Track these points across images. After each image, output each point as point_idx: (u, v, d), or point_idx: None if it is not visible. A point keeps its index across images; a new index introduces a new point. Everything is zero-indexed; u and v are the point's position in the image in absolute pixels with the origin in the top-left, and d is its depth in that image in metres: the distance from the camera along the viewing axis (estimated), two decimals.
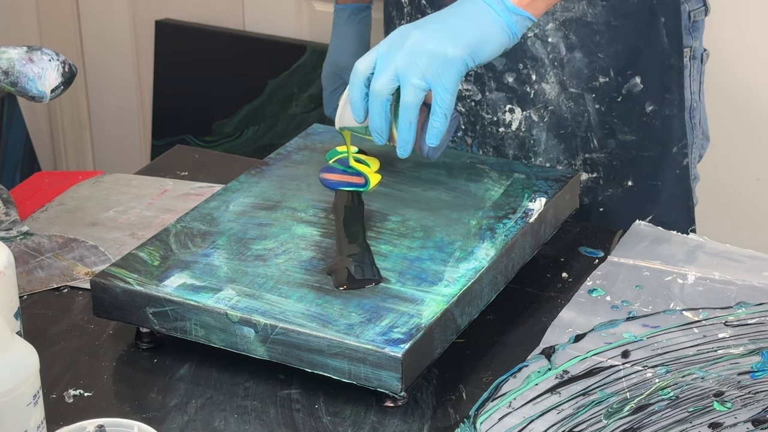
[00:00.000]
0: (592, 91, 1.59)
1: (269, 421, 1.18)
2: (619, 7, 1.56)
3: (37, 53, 1.35)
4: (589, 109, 1.59)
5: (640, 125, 1.61)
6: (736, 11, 2.16)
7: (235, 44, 2.60)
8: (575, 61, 1.58)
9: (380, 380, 1.16)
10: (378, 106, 1.30)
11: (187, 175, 1.63)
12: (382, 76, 1.29)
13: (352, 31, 1.88)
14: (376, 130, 1.32)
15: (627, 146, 1.62)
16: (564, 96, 1.59)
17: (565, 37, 1.57)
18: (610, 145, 1.62)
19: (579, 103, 1.60)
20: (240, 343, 1.21)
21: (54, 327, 1.32)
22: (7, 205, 1.48)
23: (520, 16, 1.29)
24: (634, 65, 1.59)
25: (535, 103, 1.60)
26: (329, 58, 1.91)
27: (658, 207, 1.61)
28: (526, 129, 1.62)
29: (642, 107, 1.60)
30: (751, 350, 1.26)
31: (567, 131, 1.61)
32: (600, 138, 1.61)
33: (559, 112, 1.61)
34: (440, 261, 1.28)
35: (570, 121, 1.61)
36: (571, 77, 1.59)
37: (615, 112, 1.60)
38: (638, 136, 1.62)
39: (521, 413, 1.18)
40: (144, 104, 2.80)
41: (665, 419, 1.17)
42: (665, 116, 1.62)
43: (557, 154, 1.62)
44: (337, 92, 1.94)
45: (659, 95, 1.61)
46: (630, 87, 1.59)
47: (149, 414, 1.19)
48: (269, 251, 1.30)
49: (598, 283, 1.38)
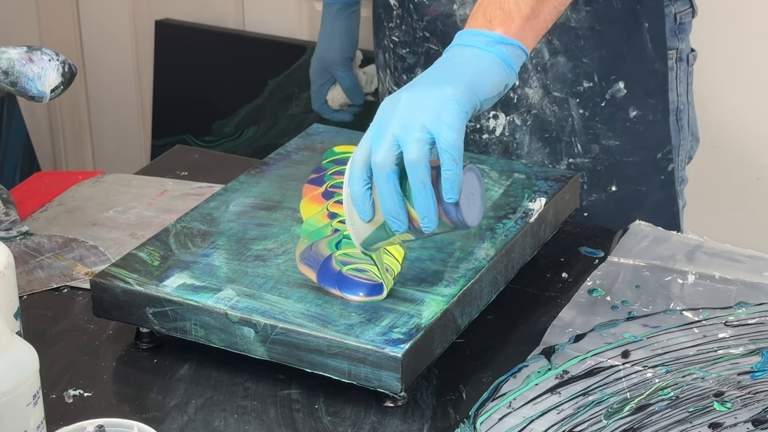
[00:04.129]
0: (575, 96, 1.59)
1: (269, 421, 1.18)
2: (603, 12, 1.56)
3: (37, 53, 1.35)
4: (572, 114, 1.59)
5: (624, 130, 1.61)
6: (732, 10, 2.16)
7: (235, 44, 2.60)
8: (559, 65, 1.58)
9: (380, 380, 1.16)
10: (385, 182, 1.14)
11: (187, 175, 1.63)
12: (379, 147, 1.14)
13: (340, 26, 1.88)
14: (391, 214, 1.14)
15: (611, 151, 1.62)
16: (548, 100, 1.59)
17: (549, 42, 1.57)
18: (593, 150, 1.61)
19: (563, 108, 1.59)
20: (240, 343, 1.21)
21: (54, 327, 1.32)
22: (7, 205, 1.48)
23: (510, 46, 1.20)
24: (617, 70, 1.59)
25: (519, 108, 1.60)
26: (318, 53, 1.91)
27: (643, 212, 1.60)
28: (509, 133, 1.62)
29: (626, 112, 1.60)
30: (751, 350, 1.26)
31: (551, 135, 1.61)
32: (584, 143, 1.61)
33: (542, 116, 1.60)
34: (440, 261, 1.28)
35: (554, 126, 1.60)
36: (555, 81, 1.59)
37: (599, 117, 1.60)
38: (622, 141, 1.61)
39: (521, 413, 1.18)
40: (144, 104, 2.80)
41: (665, 419, 1.17)
42: (649, 121, 1.62)
43: (541, 158, 1.62)
44: (325, 87, 1.94)
45: (643, 100, 1.60)
46: (614, 92, 1.59)
47: (149, 414, 1.19)
48: (269, 251, 1.30)
49: (598, 283, 1.38)
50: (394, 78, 1.70)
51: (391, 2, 1.66)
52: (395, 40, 1.67)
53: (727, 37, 2.16)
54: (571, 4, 1.55)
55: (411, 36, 1.65)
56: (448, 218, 1.15)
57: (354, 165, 1.16)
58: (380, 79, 1.78)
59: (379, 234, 1.18)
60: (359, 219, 1.17)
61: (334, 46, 1.88)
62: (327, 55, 1.89)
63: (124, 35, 2.77)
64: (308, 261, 1.27)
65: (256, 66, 2.56)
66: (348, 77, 1.90)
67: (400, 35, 1.66)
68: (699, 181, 1.90)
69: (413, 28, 1.64)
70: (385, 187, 1.14)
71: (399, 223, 1.15)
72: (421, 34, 1.63)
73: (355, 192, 1.16)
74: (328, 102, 1.96)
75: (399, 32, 1.66)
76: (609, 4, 1.55)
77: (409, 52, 1.66)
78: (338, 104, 1.96)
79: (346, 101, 1.95)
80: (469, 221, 1.15)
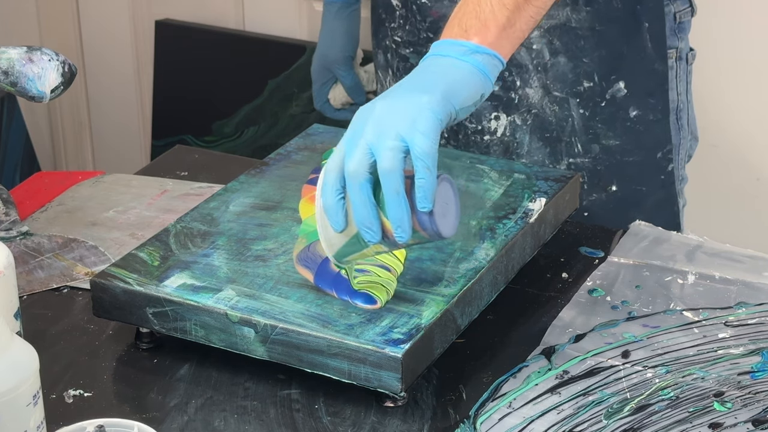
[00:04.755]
0: (576, 96, 1.59)
1: (269, 421, 1.18)
2: (603, 12, 1.56)
3: (37, 53, 1.35)
4: (573, 114, 1.59)
5: (624, 130, 1.61)
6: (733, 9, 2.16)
7: (235, 44, 2.60)
8: (559, 65, 1.58)
9: (380, 380, 1.16)
10: (358, 191, 1.12)
11: (187, 175, 1.63)
12: (353, 156, 1.12)
13: (341, 25, 1.88)
14: (364, 224, 1.12)
15: (611, 151, 1.62)
16: (548, 99, 1.59)
17: (550, 42, 1.57)
18: (594, 150, 1.61)
19: (563, 108, 1.59)
20: (240, 344, 1.21)
21: (54, 327, 1.32)
22: (7, 205, 1.48)
23: (486, 56, 1.19)
24: (617, 70, 1.59)
25: (519, 108, 1.60)
26: (319, 51, 1.91)
27: (643, 212, 1.60)
28: (510, 133, 1.62)
29: (626, 112, 1.60)
30: (751, 350, 1.26)
31: (551, 135, 1.61)
32: (584, 143, 1.61)
33: (543, 116, 1.60)
34: (440, 261, 1.28)
35: (554, 125, 1.60)
36: (555, 81, 1.59)
37: (599, 116, 1.60)
38: (622, 140, 1.62)
39: (521, 413, 1.18)
40: (144, 104, 2.80)
41: (665, 419, 1.17)
42: (649, 121, 1.62)
43: (542, 158, 1.62)
44: (327, 86, 1.94)
45: (643, 100, 1.61)
46: (614, 92, 1.59)
47: (149, 414, 1.19)
48: (269, 251, 1.30)
49: (598, 283, 1.38)
50: (395, 78, 1.70)
51: (393, 3, 1.66)
52: (398, 40, 1.67)
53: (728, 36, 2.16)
54: (572, 4, 1.55)
55: (415, 36, 1.65)
56: (423, 228, 1.13)
57: (327, 174, 1.14)
58: (379, 79, 1.78)
59: (352, 246, 1.16)
60: (332, 230, 1.15)
61: (336, 45, 1.88)
62: (328, 54, 1.89)
63: (124, 35, 2.77)
64: (305, 262, 1.27)
65: (256, 66, 2.56)
66: (350, 76, 1.90)
67: (403, 35, 1.66)
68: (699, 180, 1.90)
69: (417, 28, 1.64)
70: (358, 197, 1.12)
71: (372, 233, 1.13)
72: (425, 34, 1.63)
73: (327, 201, 1.14)
74: (330, 101, 1.96)
75: (402, 32, 1.66)
76: (609, 4, 1.55)
77: (413, 52, 1.66)
78: (340, 103, 1.96)
79: (348, 100, 1.95)
80: (443, 231, 1.13)
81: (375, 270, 1.24)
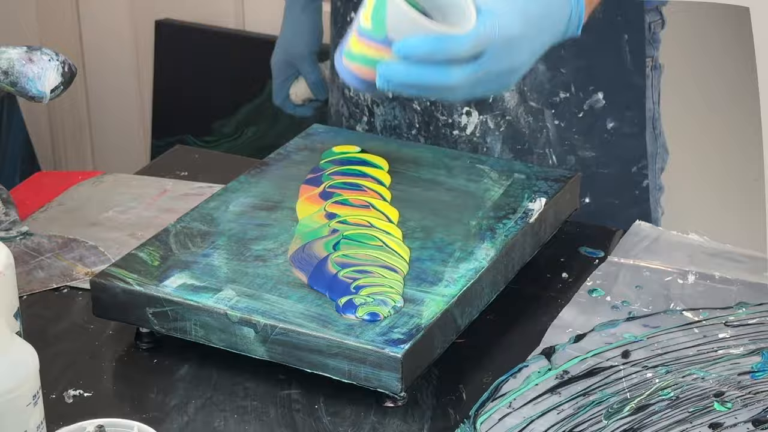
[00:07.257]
0: (551, 107, 1.58)
1: (269, 422, 1.18)
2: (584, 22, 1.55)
3: (36, 53, 1.35)
4: (547, 125, 1.58)
5: (601, 141, 1.60)
6: None
7: (235, 44, 2.60)
8: (537, 73, 1.57)
9: (380, 380, 1.16)
10: None
11: (187, 175, 1.63)
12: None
13: (307, 19, 1.85)
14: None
15: (586, 163, 1.61)
16: (523, 109, 1.58)
17: None
18: (569, 162, 1.60)
19: (537, 119, 1.58)
20: (240, 344, 1.21)
21: (54, 327, 1.32)
22: (7, 205, 1.48)
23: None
24: (596, 81, 1.58)
25: (493, 109, 1.59)
26: (281, 46, 1.88)
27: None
28: (480, 134, 1.61)
29: (603, 123, 1.60)
30: (751, 350, 1.26)
31: (523, 147, 1.60)
32: (559, 153, 1.60)
33: (516, 125, 1.59)
34: (440, 261, 1.28)
35: (527, 138, 1.59)
36: (532, 90, 1.58)
37: (575, 127, 1.60)
38: (598, 152, 1.61)
39: (521, 413, 1.18)
40: (144, 104, 2.80)
41: (665, 419, 1.17)
42: (626, 134, 1.61)
43: None
44: (288, 81, 1.92)
45: (621, 112, 1.60)
46: (592, 103, 1.58)
47: (149, 414, 1.19)
48: (269, 251, 1.30)
49: (598, 283, 1.38)
50: None
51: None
52: None
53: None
54: None
55: None
56: None
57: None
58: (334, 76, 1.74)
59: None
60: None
61: (302, 40, 1.85)
62: (293, 49, 1.86)
63: (124, 35, 2.78)
64: (299, 262, 1.27)
65: (256, 66, 2.55)
66: (314, 72, 1.87)
67: None
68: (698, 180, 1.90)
69: None
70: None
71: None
72: None
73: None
74: (291, 97, 1.93)
75: None
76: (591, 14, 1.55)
77: None
78: (301, 99, 1.93)
79: (310, 96, 1.91)
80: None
81: (379, 271, 1.24)
